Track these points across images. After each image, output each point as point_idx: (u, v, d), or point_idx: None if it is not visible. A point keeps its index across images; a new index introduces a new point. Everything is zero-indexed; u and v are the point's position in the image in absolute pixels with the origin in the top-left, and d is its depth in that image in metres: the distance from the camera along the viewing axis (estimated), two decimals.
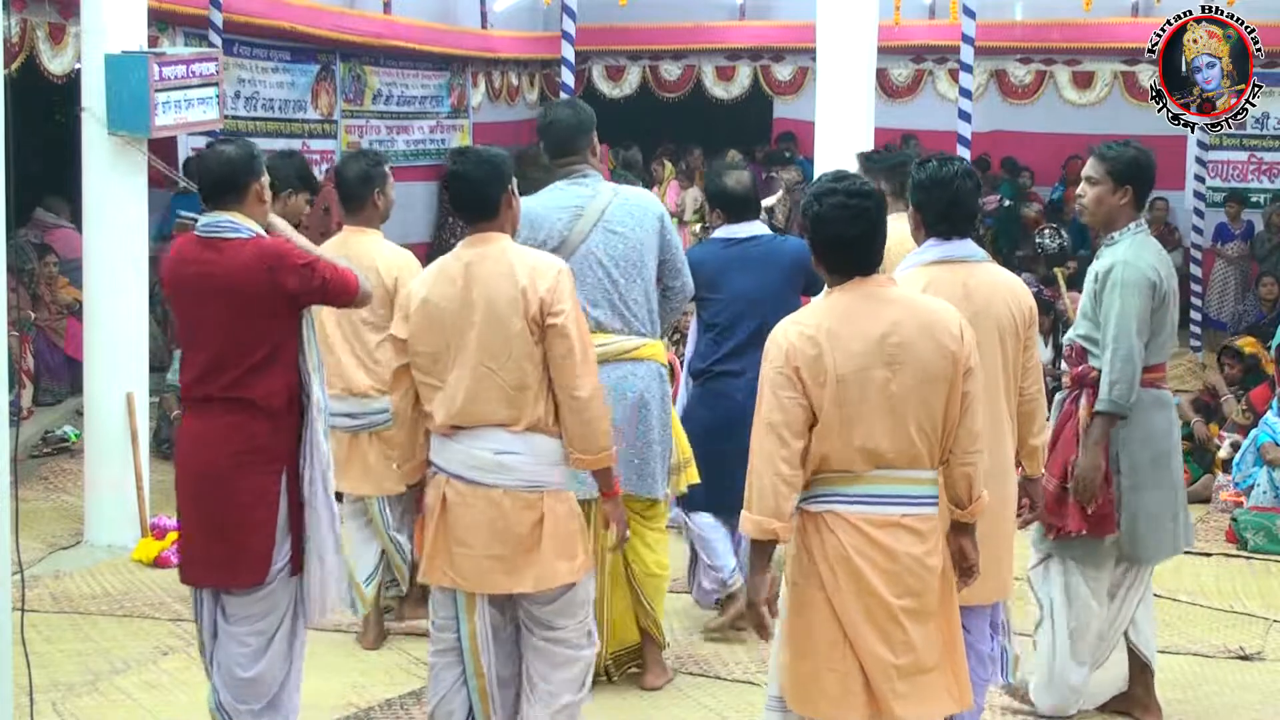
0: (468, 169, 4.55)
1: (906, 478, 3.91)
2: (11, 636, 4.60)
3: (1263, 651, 6.49)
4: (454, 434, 4.48)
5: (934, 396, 3.89)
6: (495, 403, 4.43)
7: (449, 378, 4.46)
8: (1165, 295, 5.26)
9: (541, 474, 4.49)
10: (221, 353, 4.55)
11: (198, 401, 4.63)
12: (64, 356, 10.59)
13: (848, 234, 3.92)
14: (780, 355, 3.89)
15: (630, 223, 5.52)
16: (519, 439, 4.45)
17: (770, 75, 15.76)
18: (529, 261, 4.51)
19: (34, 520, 7.92)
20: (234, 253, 4.54)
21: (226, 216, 4.60)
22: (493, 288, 4.44)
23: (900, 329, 3.88)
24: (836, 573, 3.88)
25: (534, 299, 4.42)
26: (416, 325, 4.50)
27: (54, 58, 9.36)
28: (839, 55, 8.38)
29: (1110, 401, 5.19)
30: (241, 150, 4.69)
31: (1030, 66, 14.81)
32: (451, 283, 4.49)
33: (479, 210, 4.56)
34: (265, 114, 12.37)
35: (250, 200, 4.64)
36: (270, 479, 4.54)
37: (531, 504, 4.46)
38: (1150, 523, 5.35)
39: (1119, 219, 5.33)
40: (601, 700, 5.67)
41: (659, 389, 5.63)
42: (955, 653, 4.02)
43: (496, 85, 15.83)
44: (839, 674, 3.90)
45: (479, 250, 4.52)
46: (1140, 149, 5.42)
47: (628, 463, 5.50)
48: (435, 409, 4.49)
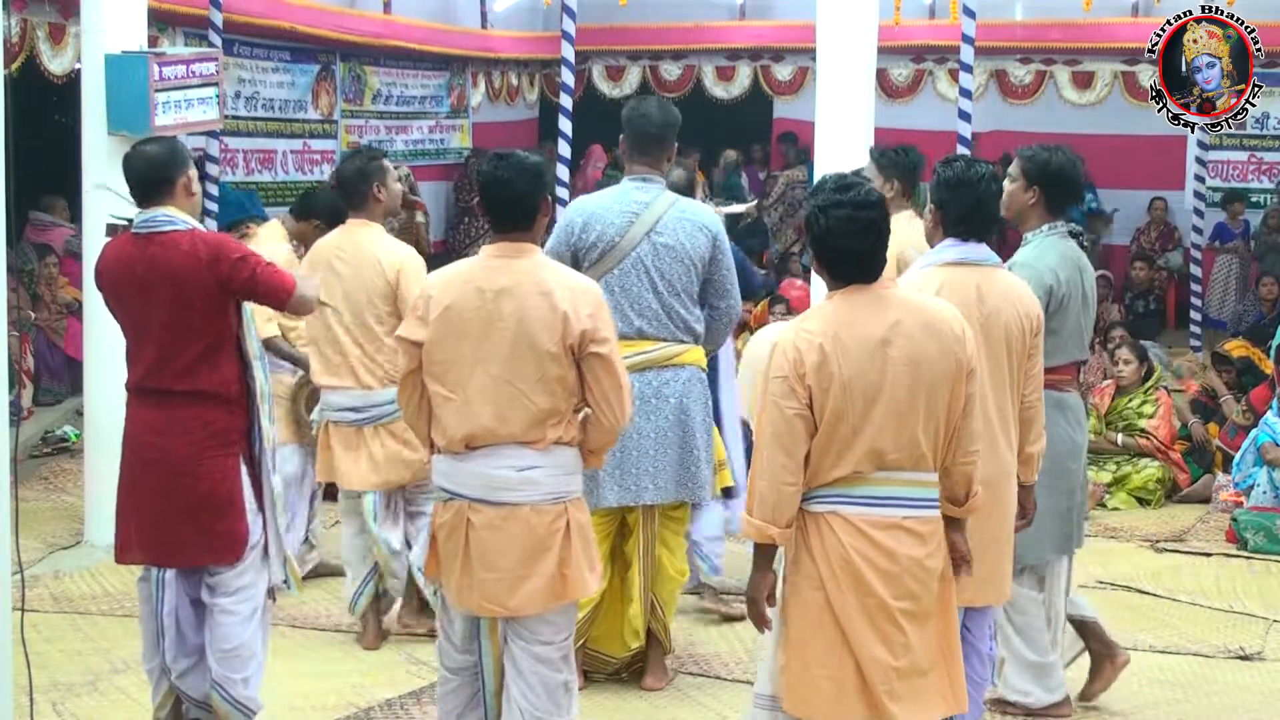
0: (510, 175, 4.35)
1: (909, 480, 3.91)
2: (11, 636, 4.61)
3: (1263, 651, 6.49)
4: (468, 453, 4.30)
5: (937, 399, 3.89)
6: (521, 423, 4.28)
7: (468, 390, 4.28)
8: (1064, 298, 5.20)
9: (564, 484, 4.36)
10: (170, 344, 4.68)
11: (149, 393, 4.75)
12: (64, 356, 10.59)
13: (858, 247, 3.90)
14: (784, 363, 3.87)
15: (682, 236, 5.52)
16: (542, 454, 4.31)
17: (770, 75, 15.75)
18: (566, 283, 4.33)
19: (34, 520, 7.91)
20: (174, 244, 4.68)
21: (161, 211, 4.73)
22: (528, 306, 4.26)
23: (904, 332, 3.87)
24: (837, 574, 3.88)
25: (576, 326, 4.24)
26: (437, 331, 4.31)
27: (54, 58, 9.37)
28: (839, 55, 8.37)
29: None
30: (164, 147, 4.85)
31: (1030, 66, 14.81)
32: (480, 293, 4.29)
33: (517, 219, 4.37)
34: (265, 114, 12.38)
35: (180, 194, 4.78)
36: (231, 461, 4.73)
37: (558, 515, 4.34)
38: (1036, 526, 5.09)
39: (1029, 218, 5.33)
40: (601, 700, 5.68)
41: (700, 393, 5.64)
42: (951, 655, 4.02)
43: (496, 85, 15.83)
44: (834, 676, 3.89)
45: (512, 262, 4.32)
46: (1067, 157, 5.36)
47: (671, 468, 5.54)
48: (448, 421, 4.31)
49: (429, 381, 4.35)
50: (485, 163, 4.49)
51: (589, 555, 4.40)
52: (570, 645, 4.50)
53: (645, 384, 5.49)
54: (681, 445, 5.58)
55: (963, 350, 3.92)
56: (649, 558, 5.67)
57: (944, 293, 4.34)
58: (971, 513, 4.09)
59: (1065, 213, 5.38)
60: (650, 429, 5.53)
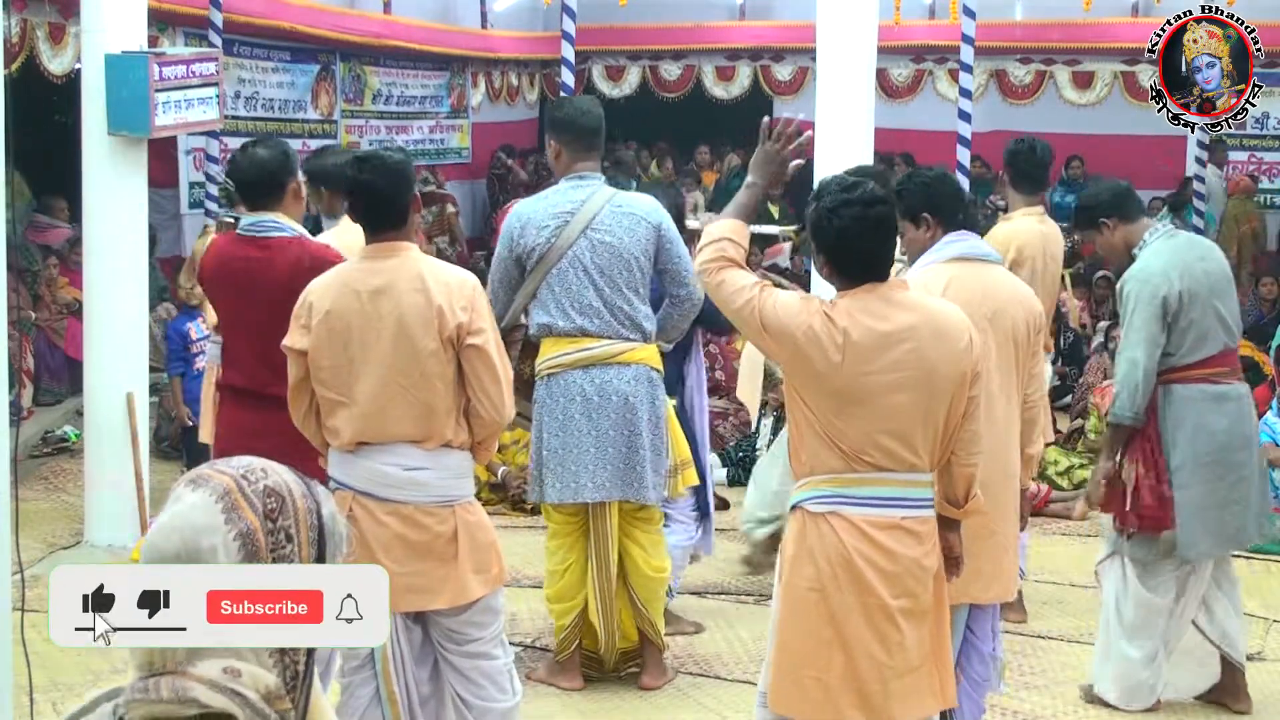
0: (374, 178, 4.36)
1: (908, 480, 3.91)
2: (11, 636, 4.61)
3: (1263, 651, 6.49)
4: (359, 450, 4.36)
5: (941, 402, 3.88)
6: (406, 420, 4.32)
7: (354, 393, 4.32)
8: (1182, 294, 5.37)
9: (452, 487, 4.39)
10: (267, 347, 4.59)
11: (245, 394, 4.72)
12: (64, 356, 10.59)
13: (870, 246, 3.88)
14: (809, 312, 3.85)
15: (619, 231, 5.41)
16: (429, 456, 4.35)
17: (770, 75, 15.76)
18: (442, 278, 4.36)
19: (34, 520, 7.91)
20: (280, 250, 4.65)
21: (269, 217, 4.71)
22: (404, 303, 4.29)
23: (913, 334, 3.85)
24: (837, 574, 3.88)
25: (451, 318, 4.28)
26: (319, 338, 4.33)
27: (54, 58, 9.37)
28: (839, 55, 8.37)
29: (1113, 413, 5.43)
30: (274, 151, 4.78)
31: (1030, 66, 14.81)
32: (356, 295, 4.32)
33: (387, 221, 4.38)
34: (265, 114, 12.37)
35: (288, 200, 4.75)
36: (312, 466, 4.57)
37: (444, 518, 4.37)
38: (1193, 519, 5.44)
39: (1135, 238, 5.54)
40: (601, 700, 5.68)
41: (648, 392, 5.51)
42: (942, 652, 4.03)
43: (496, 85, 15.83)
44: (820, 677, 3.89)
45: (386, 262, 4.35)
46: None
47: (614, 467, 5.45)
48: (340, 424, 4.36)
49: (317, 387, 4.38)
50: (349, 167, 4.47)
51: (480, 559, 4.42)
52: (501, 631, 4.57)
53: (588, 381, 5.43)
54: (626, 445, 5.46)
55: (968, 355, 3.91)
56: (602, 558, 5.58)
57: (951, 289, 4.36)
58: (970, 515, 4.10)
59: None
60: (590, 427, 5.44)
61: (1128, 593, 5.56)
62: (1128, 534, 5.53)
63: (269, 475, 1.89)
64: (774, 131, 4.08)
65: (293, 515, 1.84)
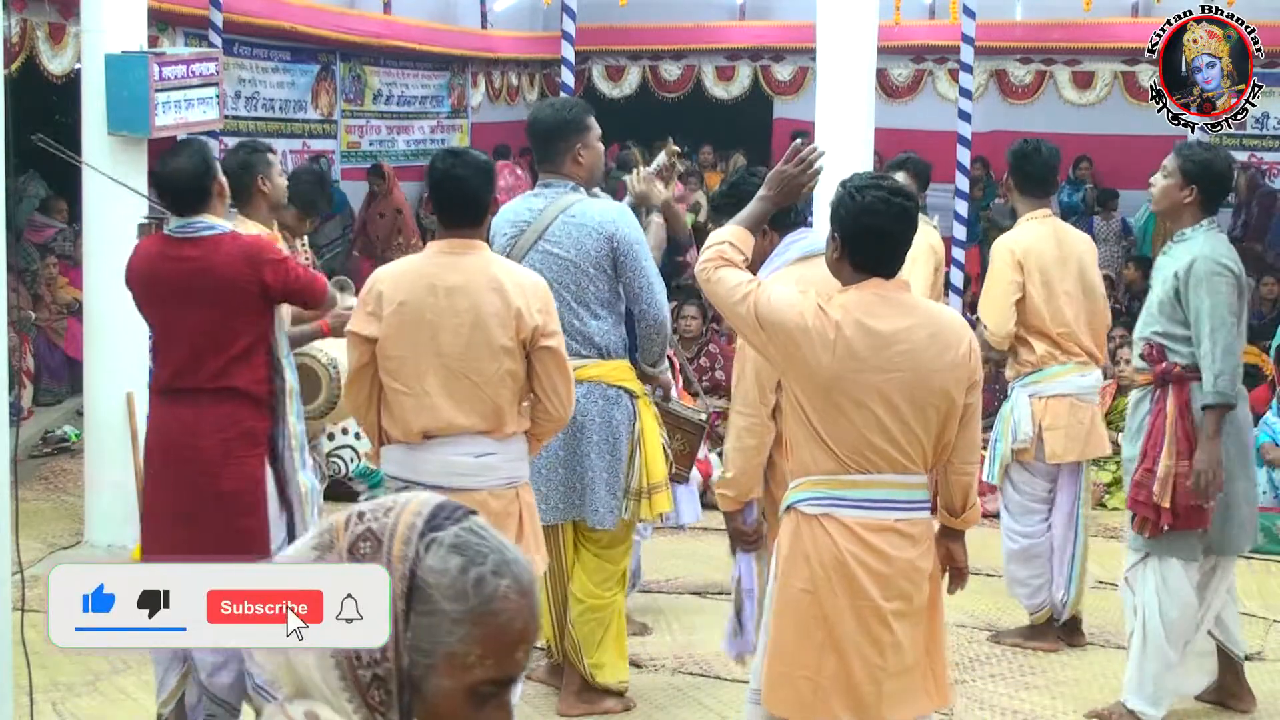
0: (466, 173, 4.46)
1: (901, 482, 3.90)
2: (11, 636, 4.62)
3: (1263, 651, 6.49)
4: (425, 442, 4.44)
5: (933, 408, 3.87)
6: (478, 415, 4.43)
7: (424, 385, 4.39)
8: (1242, 288, 5.38)
9: (517, 469, 4.54)
10: (206, 344, 4.71)
11: (180, 392, 4.77)
12: (64, 356, 10.59)
13: (889, 229, 3.86)
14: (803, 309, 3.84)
15: (568, 243, 5.14)
16: (498, 442, 4.47)
17: (770, 75, 15.76)
18: (517, 279, 4.46)
19: (34, 520, 7.91)
20: (215, 247, 4.71)
21: (198, 218, 4.78)
22: (481, 300, 4.38)
23: (909, 336, 3.85)
24: (830, 576, 3.88)
25: (529, 320, 4.37)
26: (391, 327, 4.41)
27: (54, 58, 9.37)
28: (839, 55, 8.37)
29: (1217, 393, 5.25)
30: (194, 158, 4.87)
31: (1030, 66, 14.81)
32: (433, 289, 4.41)
33: (469, 216, 4.49)
34: (265, 114, 12.38)
35: (214, 201, 4.82)
36: (256, 461, 4.73)
37: (510, 500, 4.50)
38: (1239, 512, 5.43)
39: (1184, 215, 5.41)
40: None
41: (601, 411, 5.20)
42: (935, 651, 4.04)
43: (496, 85, 15.83)
44: (812, 678, 3.90)
45: (462, 258, 4.45)
46: (1219, 155, 5.52)
47: (558, 488, 5.21)
48: (406, 415, 4.42)
49: (384, 376, 4.45)
50: (439, 160, 4.56)
51: (537, 537, 4.57)
52: None
53: None
54: (567, 465, 5.19)
55: (966, 363, 3.91)
56: (556, 577, 5.33)
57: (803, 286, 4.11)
58: (969, 525, 4.10)
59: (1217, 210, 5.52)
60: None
61: (1171, 593, 5.38)
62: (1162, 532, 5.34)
63: (389, 515, 1.71)
64: (798, 155, 4.10)
65: (383, 563, 1.67)
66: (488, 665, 1.66)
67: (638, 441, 5.28)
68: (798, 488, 3.94)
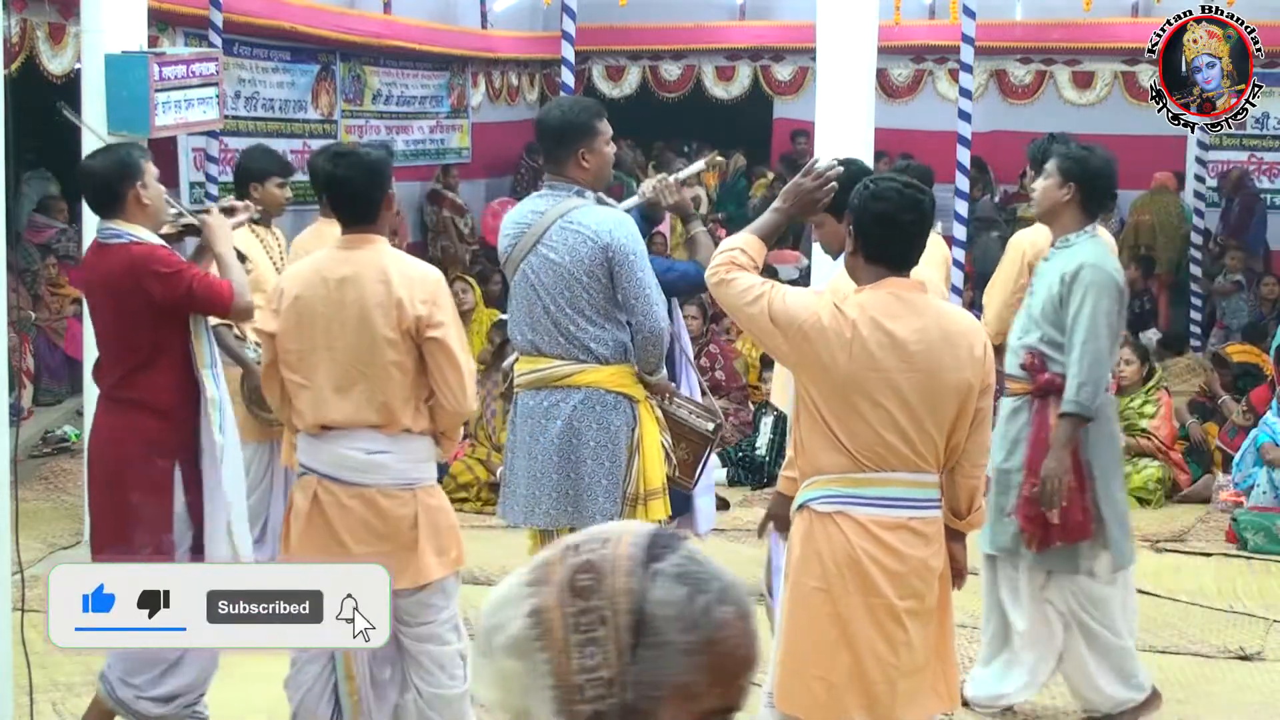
0: (350, 173, 4.52)
1: (914, 481, 3.92)
2: (11, 636, 4.62)
3: (1263, 651, 6.48)
4: (323, 434, 4.49)
5: (945, 409, 3.88)
6: (365, 407, 4.46)
7: (316, 377, 4.47)
8: (1124, 301, 5.34)
9: (413, 470, 4.54)
10: (110, 353, 4.81)
11: (101, 398, 4.88)
12: (64, 356, 10.59)
13: (901, 218, 3.88)
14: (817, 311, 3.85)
15: (564, 250, 5.03)
16: (391, 440, 4.49)
17: (770, 75, 15.74)
18: (406, 271, 4.50)
19: (34, 520, 7.91)
20: (111, 255, 4.74)
21: (111, 225, 4.79)
22: (366, 292, 4.43)
23: (923, 336, 3.86)
24: (844, 574, 3.89)
25: (410, 311, 4.41)
26: (287, 321, 4.50)
27: (54, 58, 9.36)
28: (839, 55, 8.36)
29: (1078, 403, 5.14)
30: (110, 162, 4.84)
31: (1030, 66, 14.80)
32: (324, 283, 4.48)
33: (359, 214, 4.54)
34: (265, 114, 12.37)
35: (131, 207, 4.77)
36: (160, 473, 4.70)
37: (406, 501, 4.50)
38: (1124, 523, 5.38)
39: (1064, 217, 5.33)
40: None
41: (597, 417, 5.08)
42: (946, 652, 4.05)
43: (496, 85, 15.82)
44: (825, 677, 3.90)
45: (355, 253, 4.51)
46: (1096, 153, 5.39)
47: (550, 493, 5.14)
48: (303, 407, 4.50)
49: (284, 370, 4.53)
50: (324, 161, 4.62)
51: (437, 542, 4.55)
52: (456, 615, 4.67)
53: (536, 402, 5.10)
54: (560, 470, 5.08)
55: (979, 365, 3.92)
56: None
57: None
58: (973, 528, 4.13)
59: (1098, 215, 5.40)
60: (531, 450, 5.12)
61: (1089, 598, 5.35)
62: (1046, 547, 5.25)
63: (605, 546, 1.67)
64: (815, 170, 4.14)
65: (608, 596, 1.62)
66: (715, 694, 1.64)
67: (636, 447, 5.20)
68: (810, 486, 3.94)
